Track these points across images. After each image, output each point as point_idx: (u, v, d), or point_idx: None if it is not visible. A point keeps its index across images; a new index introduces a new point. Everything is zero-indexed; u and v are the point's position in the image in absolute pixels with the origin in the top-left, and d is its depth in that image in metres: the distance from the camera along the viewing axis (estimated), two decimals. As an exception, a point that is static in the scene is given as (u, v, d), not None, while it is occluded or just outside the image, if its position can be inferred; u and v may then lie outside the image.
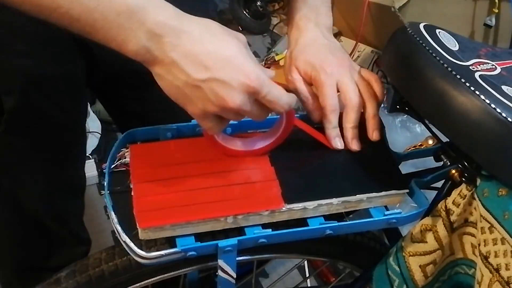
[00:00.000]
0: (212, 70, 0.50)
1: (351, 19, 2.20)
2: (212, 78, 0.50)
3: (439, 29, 0.65)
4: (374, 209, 0.63)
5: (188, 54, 0.49)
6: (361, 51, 2.22)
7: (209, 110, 0.52)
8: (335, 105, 0.65)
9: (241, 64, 0.51)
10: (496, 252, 0.58)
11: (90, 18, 0.46)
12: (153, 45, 0.48)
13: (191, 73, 0.49)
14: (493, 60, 0.62)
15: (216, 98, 0.51)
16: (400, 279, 0.68)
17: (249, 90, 0.51)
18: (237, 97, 0.51)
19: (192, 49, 0.49)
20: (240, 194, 0.60)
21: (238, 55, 0.51)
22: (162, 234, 0.57)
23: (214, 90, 0.50)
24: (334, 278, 1.30)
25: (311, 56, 0.67)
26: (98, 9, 0.46)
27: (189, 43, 0.49)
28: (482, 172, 0.60)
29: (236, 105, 0.51)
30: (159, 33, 0.48)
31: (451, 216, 0.63)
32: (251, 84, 0.51)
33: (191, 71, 0.49)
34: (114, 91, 0.87)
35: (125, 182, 0.61)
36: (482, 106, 0.54)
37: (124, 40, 0.48)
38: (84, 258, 0.66)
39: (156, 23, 0.48)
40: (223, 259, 0.59)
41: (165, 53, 0.49)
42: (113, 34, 0.47)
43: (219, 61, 0.50)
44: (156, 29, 0.48)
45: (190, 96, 0.51)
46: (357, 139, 0.66)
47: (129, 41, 0.48)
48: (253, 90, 0.52)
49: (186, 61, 0.49)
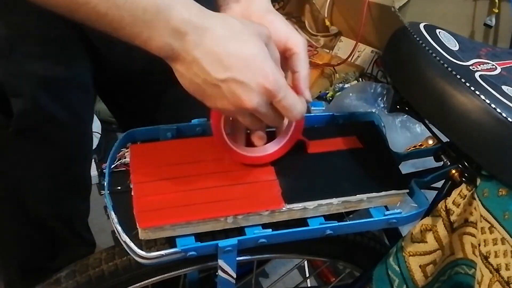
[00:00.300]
0: (231, 70, 0.50)
1: (351, 19, 2.21)
2: (231, 78, 0.51)
3: (439, 29, 0.65)
4: (374, 209, 0.63)
5: (209, 53, 0.50)
6: (361, 51, 2.22)
7: (226, 108, 0.53)
8: None
9: (261, 65, 0.52)
10: (496, 252, 0.58)
11: (117, 14, 0.47)
12: (176, 42, 0.49)
13: (211, 72, 0.50)
14: (493, 60, 0.62)
15: (233, 98, 0.52)
16: (400, 279, 0.68)
17: (266, 92, 0.52)
18: (254, 98, 0.52)
19: (214, 48, 0.50)
20: (240, 194, 0.60)
21: (258, 55, 0.52)
22: (162, 234, 0.57)
23: (232, 90, 0.51)
24: (334, 278, 1.30)
25: None
26: (125, 6, 0.47)
27: (211, 41, 0.50)
28: (482, 172, 0.60)
29: (252, 106, 0.52)
30: (183, 31, 0.49)
31: (451, 216, 0.63)
32: (268, 86, 0.52)
33: (211, 70, 0.50)
34: (118, 92, 0.87)
35: (125, 182, 0.61)
36: (482, 106, 0.54)
37: (149, 37, 0.49)
38: (84, 258, 0.65)
39: (181, 20, 0.49)
40: (223, 259, 0.59)
41: (188, 51, 0.50)
42: (138, 31, 0.48)
43: (239, 61, 0.51)
44: (180, 26, 0.49)
45: (209, 93, 0.52)
46: None
47: (154, 38, 0.49)
48: (270, 93, 0.52)
49: (207, 60, 0.50)
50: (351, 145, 0.68)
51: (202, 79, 0.51)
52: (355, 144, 0.68)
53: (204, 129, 0.66)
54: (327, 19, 2.32)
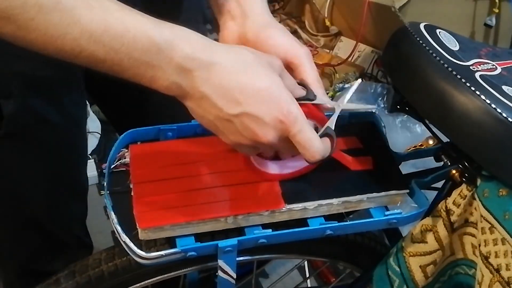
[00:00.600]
0: (244, 104, 0.48)
1: (351, 19, 2.20)
2: (244, 112, 0.49)
3: (439, 29, 0.64)
4: (375, 209, 0.63)
5: (219, 88, 0.48)
6: (361, 51, 2.22)
7: (241, 142, 0.52)
8: None
9: (275, 98, 0.49)
10: (497, 252, 0.58)
11: (116, 58, 0.45)
12: (183, 80, 0.47)
13: (223, 108, 0.48)
14: (494, 60, 0.62)
15: (247, 133, 0.50)
16: (401, 279, 0.68)
17: (281, 125, 0.50)
18: (269, 132, 0.50)
19: (223, 83, 0.48)
20: (240, 194, 0.60)
21: (271, 87, 0.50)
22: (162, 235, 0.57)
23: (245, 124, 0.49)
24: (334, 278, 1.30)
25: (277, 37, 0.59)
26: (122, 49, 0.45)
27: (220, 76, 0.48)
28: (482, 172, 0.60)
29: (267, 140, 0.50)
30: (188, 68, 0.47)
31: (451, 217, 0.63)
32: (283, 119, 0.50)
33: (223, 105, 0.48)
34: (112, 95, 0.86)
35: (125, 182, 0.61)
36: (482, 106, 0.54)
37: (154, 77, 0.47)
38: (84, 258, 0.65)
39: (184, 57, 0.46)
40: (223, 260, 0.59)
41: (196, 88, 0.48)
42: (141, 72, 0.46)
43: (251, 95, 0.49)
44: (184, 63, 0.47)
45: (222, 129, 0.51)
46: None
47: (159, 78, 0.47)
48: (285, 126, 0.50)
49: (217, 96, 0.48)
50: (351, 145, 0.68)
51: (214, 115, 0.49)
52: (355, 144, 0.68)
53: (204, 129, 0.66)
54: (327, 19, 2.32)
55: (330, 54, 2.25)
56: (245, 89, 0.49)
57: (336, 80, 2.12)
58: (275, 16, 2.56)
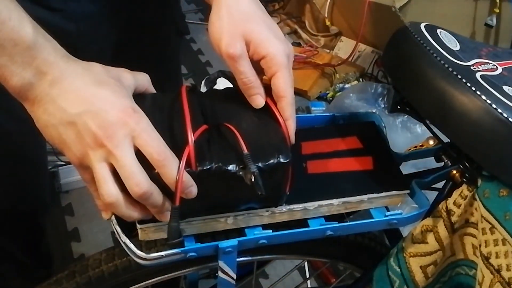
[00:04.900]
0: (87, 104, 0.48)
1: (351, 19, 2.21)
2: (87, 110, 0.48)
3: (440, 29, 0.64)
4: (375, 209, 0.63)
5: (68, 92, 0.48)
6: (362, 51, 2.22)
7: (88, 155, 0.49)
8: None
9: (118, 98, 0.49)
10: (497, 253, 0.58)
11: None
12: (37, 81, 0.48)
13: (67, 108, 0.48)
14: (494, 60, 0.62)
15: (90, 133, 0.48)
16: (401, 280, 0.68)
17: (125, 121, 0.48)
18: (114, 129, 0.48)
19: (72, 87, 0.48)
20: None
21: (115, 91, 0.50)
22: (162, 235, 0.56)
23: (88, 124, 0.48)
24: (334, 279, 1.30)
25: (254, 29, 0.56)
26: None
27: (70, 81, 0.48)
28: (483, 173, 0.60)
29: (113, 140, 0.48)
30: (44, 71, 0.48)
31: (452, 217, 0.63)
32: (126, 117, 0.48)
33: (67, 106, 0.48)
34: None
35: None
36: (483, 106, 0.54)
37: (12, 72, 0.47)
38: (84, 259, 0.65)
39: (45, 60, 0.47)
40: (223, 260, 0.59)
41: (45, 91, 0.48)
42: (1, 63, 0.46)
43: (96, 95, 0.49)
44: (43, 66, 0.47)
45: (65, 137, 0.49)
46: None
47: (16, 75, 0.47)
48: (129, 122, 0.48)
49: (64, 98, 0.48)
50: (351, 145, 0.67)
51: (58, 118, 0.48)
52: (356, 145, 0.68)
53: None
54: (327, 19, 2.33)
55: (330, 54, 2.25)
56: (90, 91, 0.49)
57: (336, 80, 2.12)
58: (275, 16, 2.57)
